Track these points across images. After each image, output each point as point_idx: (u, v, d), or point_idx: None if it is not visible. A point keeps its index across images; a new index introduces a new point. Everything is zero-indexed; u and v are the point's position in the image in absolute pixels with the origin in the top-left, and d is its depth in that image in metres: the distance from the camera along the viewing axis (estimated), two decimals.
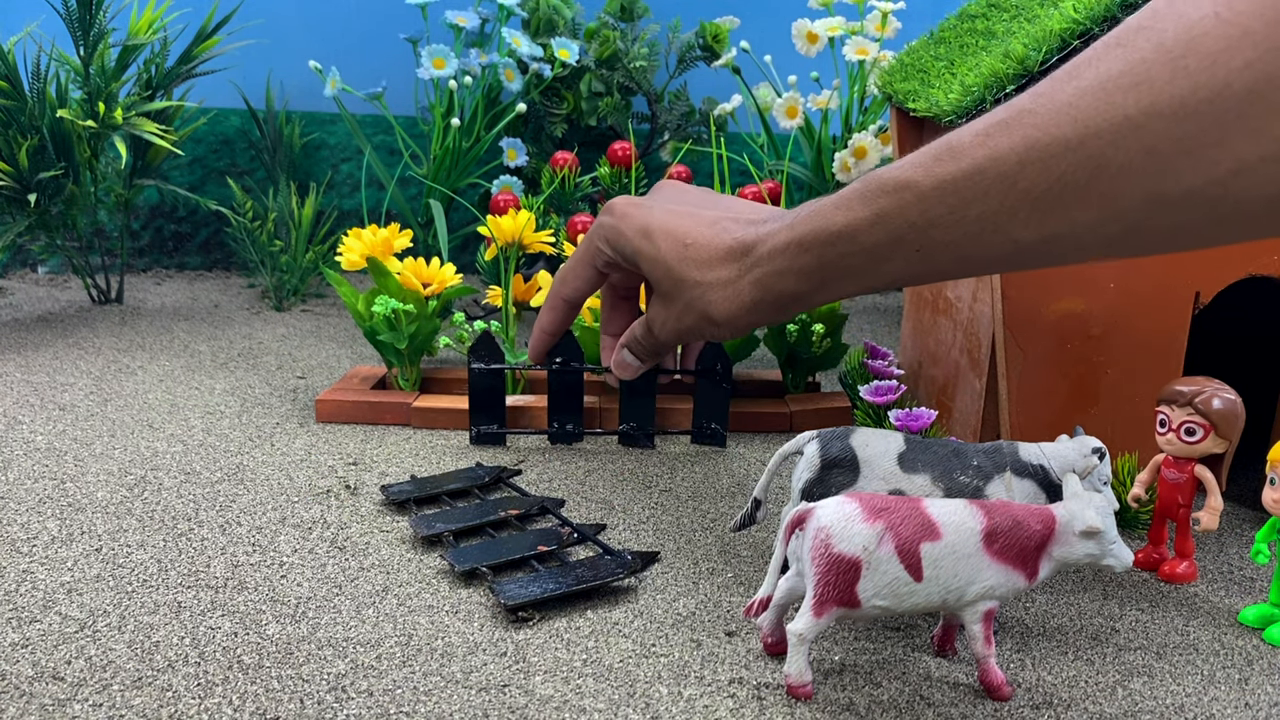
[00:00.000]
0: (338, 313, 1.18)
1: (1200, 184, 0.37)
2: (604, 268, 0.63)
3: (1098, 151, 0.38)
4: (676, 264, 0.55)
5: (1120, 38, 0.38)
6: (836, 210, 0.47)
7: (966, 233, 0.42)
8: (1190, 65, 0.35)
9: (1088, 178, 0.38)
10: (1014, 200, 0.40)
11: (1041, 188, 0.40)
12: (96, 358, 0.96)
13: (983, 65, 0.66)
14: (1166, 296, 0.64)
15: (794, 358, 0.86)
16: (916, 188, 0.43)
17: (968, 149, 0.41)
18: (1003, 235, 0.42)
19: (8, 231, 1.04)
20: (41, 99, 1.04)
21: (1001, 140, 0.40)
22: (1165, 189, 0.37)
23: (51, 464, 0.71)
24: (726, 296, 0.53)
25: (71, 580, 0.55)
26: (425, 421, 0.80)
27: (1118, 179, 0.38)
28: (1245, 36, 0.34)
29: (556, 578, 0.55)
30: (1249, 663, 0.51)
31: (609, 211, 0.60)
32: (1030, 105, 0.40)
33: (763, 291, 0.51)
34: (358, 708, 0.45)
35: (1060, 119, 0.39)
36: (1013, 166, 0.40)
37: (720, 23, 1.25)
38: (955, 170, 0.42)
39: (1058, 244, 0.41)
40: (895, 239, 0.45)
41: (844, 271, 0.48)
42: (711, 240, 0.54)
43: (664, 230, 0.56)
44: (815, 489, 0.53)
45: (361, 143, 1.20)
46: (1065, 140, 0.38)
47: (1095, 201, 0.39)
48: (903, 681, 0.48)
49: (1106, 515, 0.46)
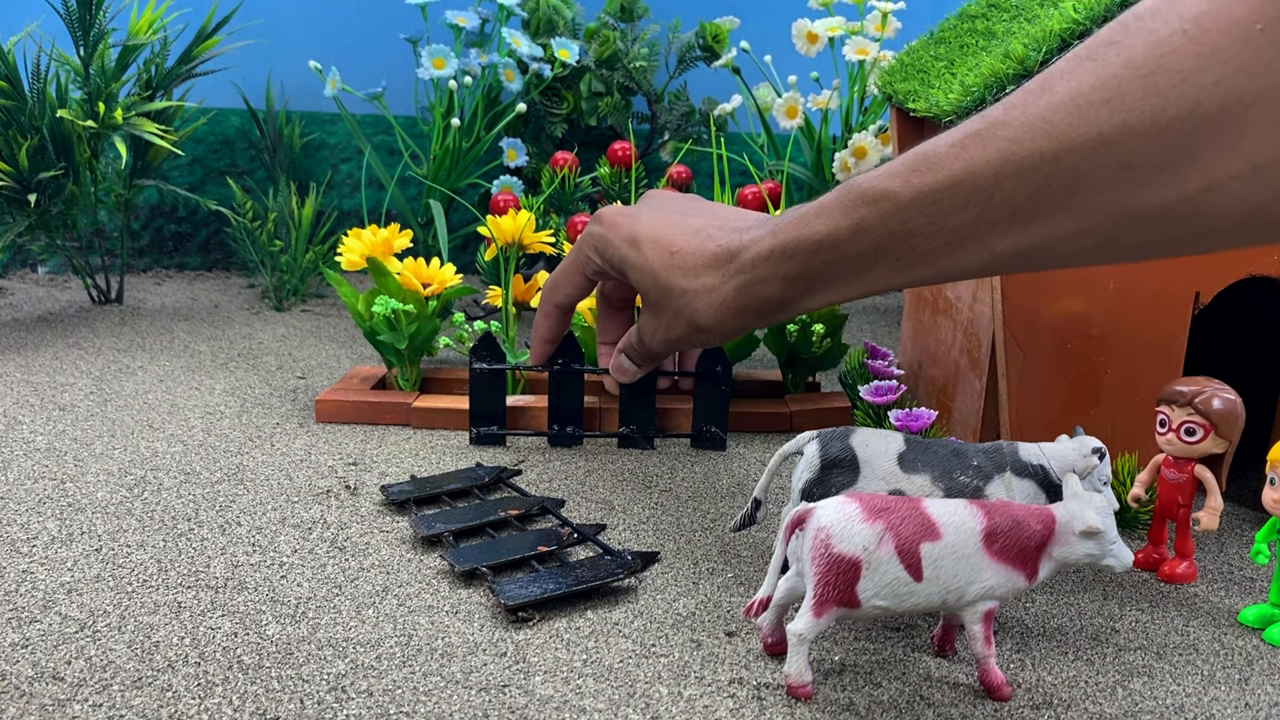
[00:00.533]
0: (338, 313, 1.18)
1: (1173, 200, 0.37)
2: (593, 275, 0.64)
3: (1073, 166, 0.38)
4: (663, 272, 0.55)
5: (1091, 51, 0.38)
6: (818, 218, 0.48)
7: (946, 242, 0.43)
8: (1160, 82, 0.36)
9: (1064, 191, 0.39)
10: (992, 212, 0.41)
11: (1019, 200, 0.40)
12: (96, 358, 0.96)
13: (983, 65, 0.66)
14: (1166, 296, 0.64)
15: (794, 358, 0.86)
16: (895, 198, 0.44)
17: (944, 160, 0.42)
18: (981, 245, 0.42)
19: (8, 231, 1.04)
20: (41, 99, 1.04)
21: (977, 152, 0.41)
22: (1140, 204, 0.38)
23: (51, 464, 0.71)
24: (712, 303, 0.53)
25: (71, 580, 0.55)
26: (425, 421, 0.80)
27: (1094, 193, 0.38)
28: (1214, 55, 0.35)
29: (556, 578, 0.55)
30: (1249, 663, 0.51)
31: (598, 221, 0.61)
32: (1003, 117, 0.40)
33: (748, 298, 0.52)
34: (358, 708, 0.45)
35: (1034, 132, 0.39)
36: (989, 179, 0.40)
37: (720, 23, 1.25)
38: (932, 181, 0.42)
39: (1036, 254, 0.42)
40: (876, 248, 0.45)
41: (828, 279, 0.49)
42: (697, 248, 0.54)
43: (651, 239, 0.57)
44: (815, 489, 0.53)
45: (361, 143, 1.20)
46: (1041, 154, 0.39)
47: (1072, 214, 0.39)
48: (903, 681, 0.48)
49: (1106, 515, 0.46)
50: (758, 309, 0.52)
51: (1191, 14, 0.36)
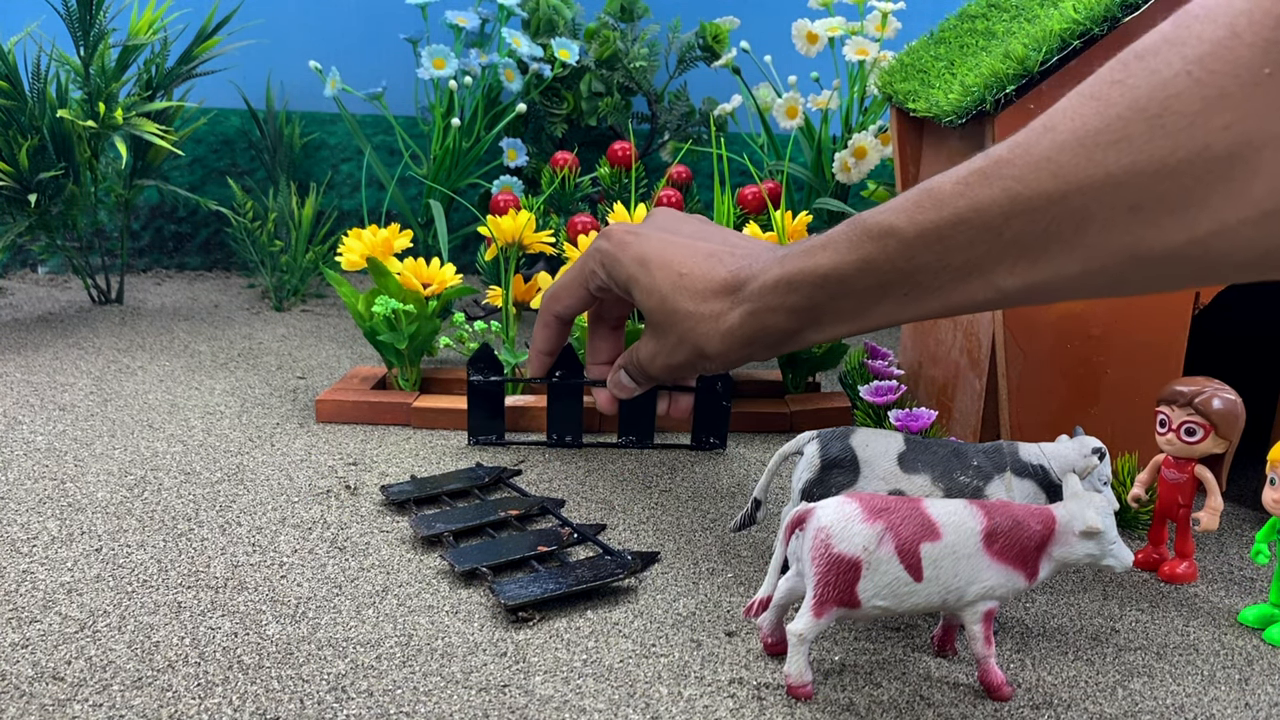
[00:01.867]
0: (338, 313, 1.18)
1: (1182, 242, 0.37)
2: (597, 291, 0.63)
3: (1081, 206, 0.38)
4: (671, 294, 0.55)
5: (1094, 90, 0.38)
6: (824, 251, 0.47)
7: (952, 279, 0.43)
8: (1168, 125, 0.36)
9: (1072, 231, 0.39)
10: (999, 250, 0.41)
11: (1026, 239, 0.40)
12: (96, 358, 0.96)
13: (983, 65, 0.66)
14: (1166, 297, 0.64)
15: (794, 358, 0.86)
16: (900, 234, 0.44)
17: (948, 197, 0.42)
18: (987, 282, 0.42)
19: (8, 231, 1.04)
20: (41, 99, 1.04)
21: (982, 191, 0.41)
22: (1148, 245, 0.38)
23: (51, 464, 0.71)
24: (718, 330, 0.53)
25: (71, 580, 0.55)
26: (425, 422, 0.80)
27: (1102, 233, 0.38)
28: (1222, 99, 0.35)
29: (556, 578, 0.55)
30: (1249, 663, 0.51)
31: (606, 238, 0.61)
32: (1007, 155, 0.40)
33: (753, 327, 0.52)
34: (358, 708, 0.45)
35: (1040, 173, 0.39)
36: (996, 217, 0.40)
37: (720, 23, 1.25)
38: (937, 218, 0.42)
39: (1042, 291, 0.42)
40: (882, 284, 0.45)
41: (833, 312, 0.49)
42: (706, 272, 0.54)
43: (660, 260, 0.56)
44: (815, 489, 0.53)
45: (361, 143, 1.20)
46: (1047, 194, 0.39)
47: (1080, 254, 0.39)
48: (903, 681, 0.48)
49: (1106, 515, 0.46)
50: (763, 339, 0.52)
51: (1194, 55, 0.35)
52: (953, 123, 0.65)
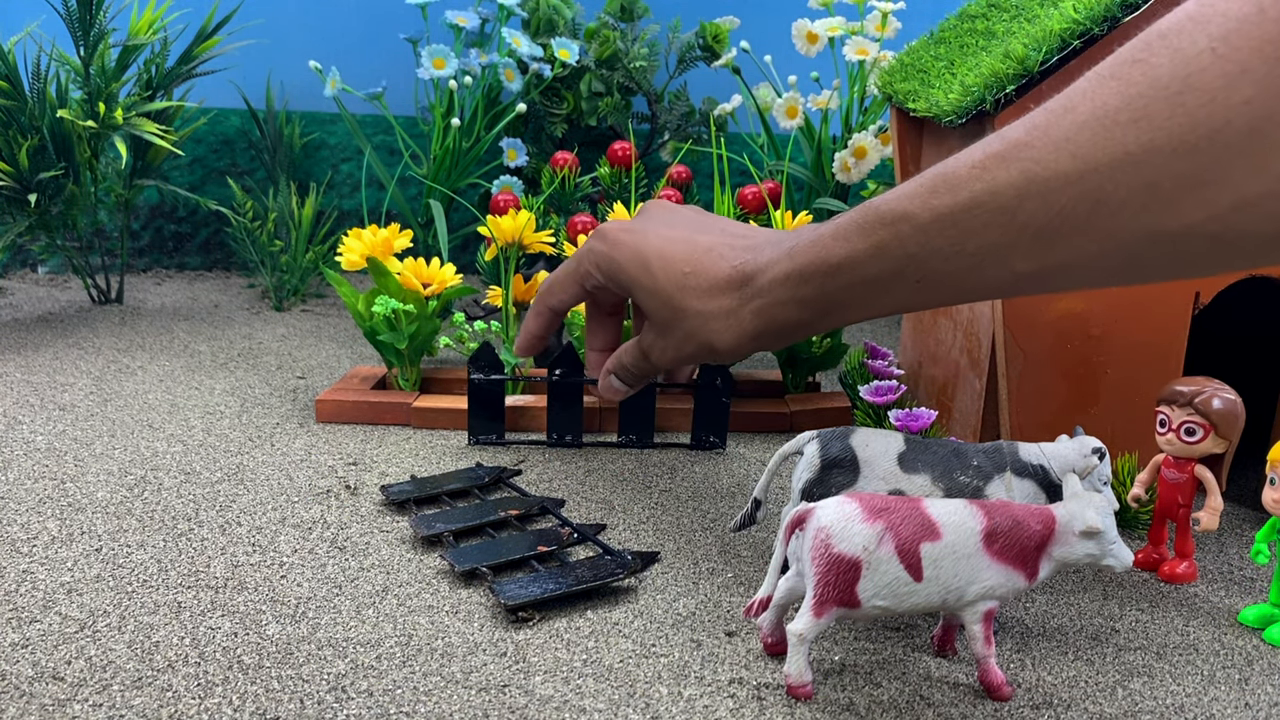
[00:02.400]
0: (338, 313, 1.18)
1: (1201, 219, 0.37)
2: (593, 289, 0.62)
3: (1097, 186, 0.38)
4: (676, 294, 0.54)
5: (1114, 70, 0.38)
6: (835, 241, 0.47)
7: (966, 264, 0.43)
8: (1189, 102, 0.35)
9: (1088, 212, 0.38)
10: (1014, 233, 0.41)
11: (1041, 221, 0.40)
12: (96, 358, 0.96)
13: (983, 65, 0.66)
14: (1166, 297, 0.64)
15: (794, 358, 0.86)
16: (914, 219, 0.43)
17: (964, 181, 0.41)
18: (1003, 267, 0.42)
19: (8, 231, 1.04)
20: (41, 99, 1.04)
21: (999, 173, 0.40)
22: (1166, 224, 0.37)
23: (51, 464, 0.71)
24: (729, 326, 0.52)
25: (71, 580, 0.55)
26: (425, 421, 0.80)
27: (1118, 214, 0.38)
28: (1244, 74, 0.34)
29: (556, 578, 0.55)
30: (1249, 663, 0.51)
31: (601, 238, 0.59)
32: (1025, 138, 0.40)
33: (765, 322, 0.51)
34: (358, 708, 0.45)
35: (1059, 153, 0.38)
36: (1011, 200, 0.40)
37: (720, 23, 1.25)
38: (952, 202, 0.42)
39: (1058, 275, 0.42)
40: (895, 271, 0.45)
41: (846, 302, 0.48)
42: (710, 268, 0.53)
43: (661, 258, 0.55)
44: (815, 489, 0.53)
45: (361, 143, 1.20)
46: (1065, 174, 0.38)
47: (1096, 235, 0.39)
48: (903, 681, 0.48)
49: (1106, 515, 0.46)
50: (775, 332, 0.51)
51: (1219, 33, 0.35)
52: (953, 123, 0.65)
